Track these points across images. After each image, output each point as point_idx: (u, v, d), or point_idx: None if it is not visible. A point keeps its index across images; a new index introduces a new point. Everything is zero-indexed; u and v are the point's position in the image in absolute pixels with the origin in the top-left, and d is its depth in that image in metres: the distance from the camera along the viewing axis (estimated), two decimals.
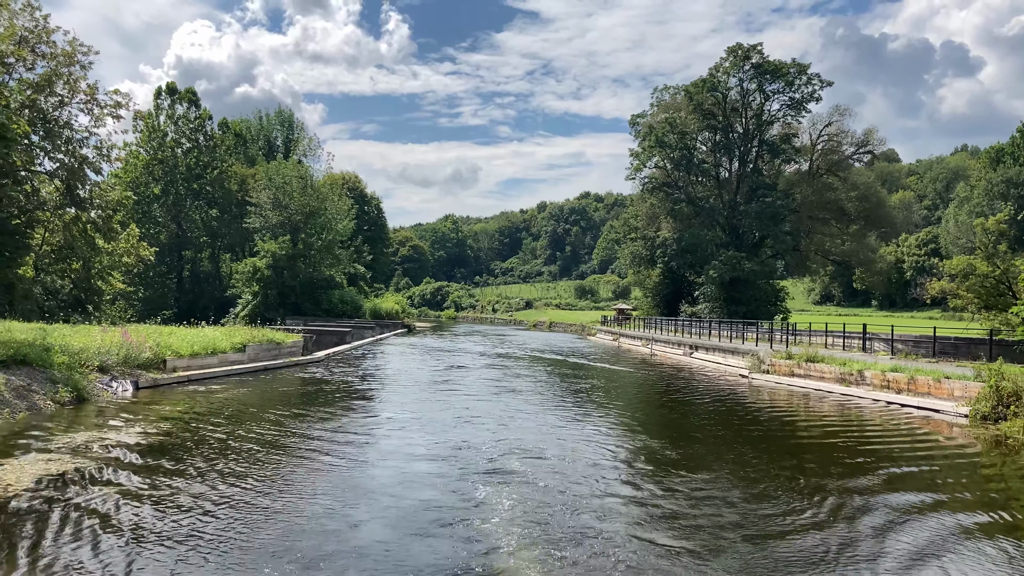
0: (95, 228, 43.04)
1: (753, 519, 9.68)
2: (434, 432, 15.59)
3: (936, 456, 14.65)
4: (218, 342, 24.80)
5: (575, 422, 17.70)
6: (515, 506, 9.94)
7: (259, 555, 7.81)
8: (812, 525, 9.49)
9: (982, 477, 13.18)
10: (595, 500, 10.40)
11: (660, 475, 12.16)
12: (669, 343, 43.51)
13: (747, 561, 8.09)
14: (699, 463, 13.24)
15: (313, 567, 7.48)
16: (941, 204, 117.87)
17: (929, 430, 17.77)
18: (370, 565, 7.64)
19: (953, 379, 20.90)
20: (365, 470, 12.13)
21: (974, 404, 18.98)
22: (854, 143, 65.52)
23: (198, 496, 9.95)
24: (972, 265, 39.76)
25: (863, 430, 17.70)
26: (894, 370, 23.12)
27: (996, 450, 15.30)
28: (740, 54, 63.36)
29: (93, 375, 18.69)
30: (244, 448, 13.28)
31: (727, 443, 15.76)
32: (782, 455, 14.59)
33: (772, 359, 28.53)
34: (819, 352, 27.95)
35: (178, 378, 21.75)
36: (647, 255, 68.35)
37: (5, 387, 15.40)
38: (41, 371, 17.23)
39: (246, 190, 70.89)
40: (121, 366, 20.13)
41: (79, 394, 17.25)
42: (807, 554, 8.37)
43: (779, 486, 11.49)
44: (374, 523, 9.15)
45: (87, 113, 41.10)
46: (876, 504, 10.59)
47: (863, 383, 23.82)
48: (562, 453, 13.70)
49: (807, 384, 25.69)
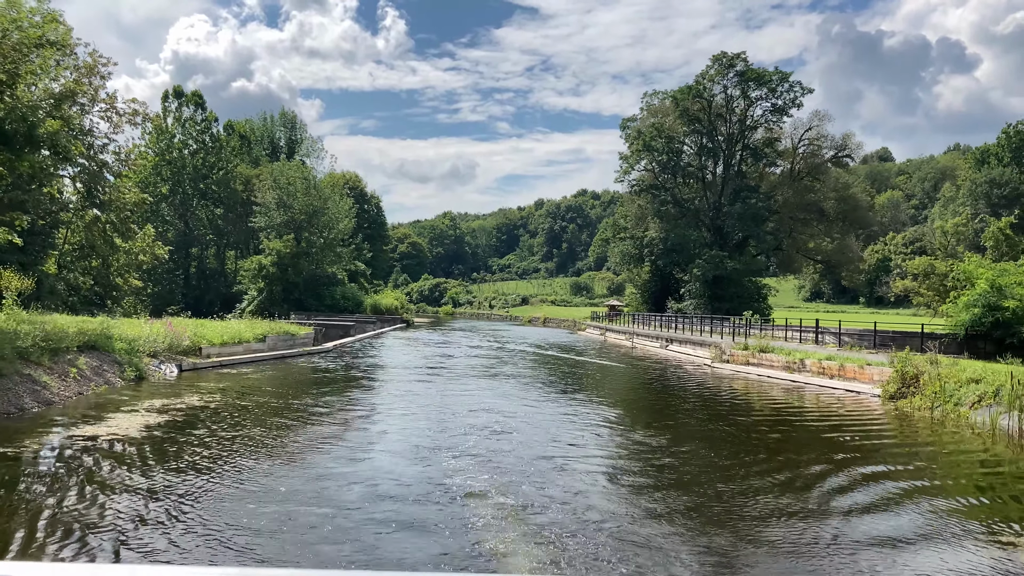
0: (114, 228, 47.01)
1: (694, 464, 13.74)
2: (424, 403, 19.65)
3: (853, 425, 18.62)
4: (243, 333, 28.84)
5: (549, 398, 21.76)
6: (483, 443, 13.98)
7: (299, 466, 11.87)
8: (743, 465, 13.55)
9: (882, 438, 17.16)
10: (551, 447, 14.45)
11: (612, 433, 16.22)
12: (649, 337, 47.60)
13: (700, 493, 12.14)
14: (651, 425, 17.30)
15: (344, 465, 11.54)
16: (929, 203, 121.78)
17: (851, 407, 21.80)
18: (375, 476, 11.67)
19: (873, 366, 24.96)
20: (371, 429, 16.18)
21: (884, 386, 23.04)
22: (834, 147, 69.54)
23: (252, 433, 14.01)
24: (932, 265, 44.04)
25: (802, 405, 21.83)
26: (829, 359, 27.20)
27: (897, 421, 19.33)
28: (725, 62, 67.34)
29: (147, 359, 22.73)
30: (278, 410, 17.34)
31: (680, 410, 19.83)
32: (727, 421, 18.66)
33: (732, 350, 32.61)
34: (771, 344, 32.03)
35: (212, 363, 25.80)
36: (636, 254, 72.45)
37: (86, 367, 19.42)
38: (107, 355, 21.25)
39: (251, 190, 74.79)
40: (166, 352, 24.16)
41: (139, 373, 21.31)
42: (740, 483, 12.43)
43: (723, 441, 15.54)
44: (379, 455, 13.19)
45: (107, 120, 45.12)
46: (803, 453, 14.66)
47: (804, 370, 27.89)
48: (527, 417, 17.76)
49: (759, 371, 29.76)
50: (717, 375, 30.18)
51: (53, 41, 25.44)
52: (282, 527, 8.74)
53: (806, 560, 8.20)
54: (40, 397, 16.22)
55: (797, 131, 69.29)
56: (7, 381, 15.74)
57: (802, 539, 8.89)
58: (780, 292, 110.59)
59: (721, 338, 37.62)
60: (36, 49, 24.20)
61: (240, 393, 20.21)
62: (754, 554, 8.40)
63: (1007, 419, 17.50)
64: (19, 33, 23.19)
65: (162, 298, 72.03)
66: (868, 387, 24.21)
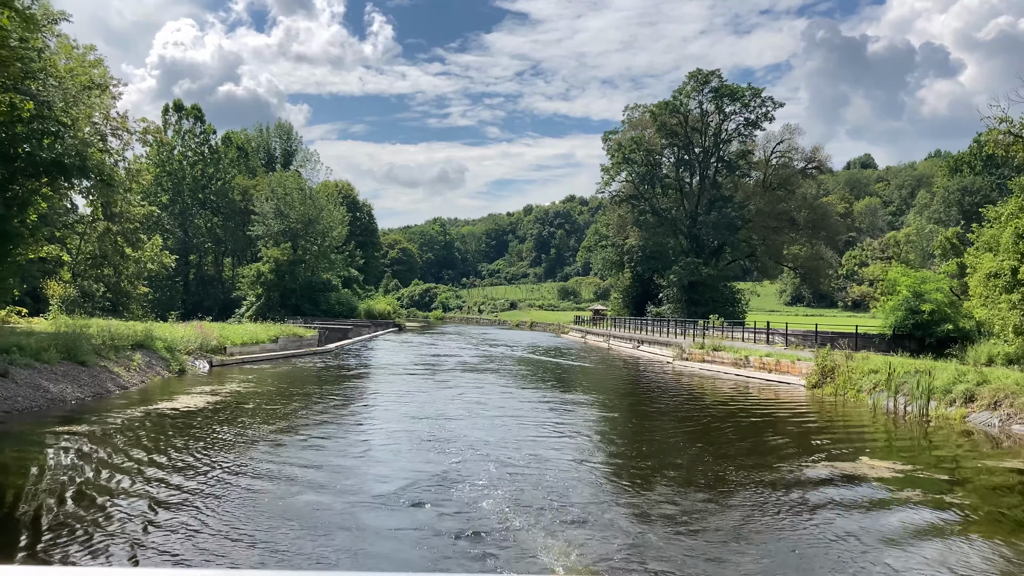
0: (124, 239, 51.52)
1: (631, 427, 18.48)
2: (415, 392, 24.35)
3: (793, 410, 23.33)
4: (259, 335, 33.47)
5: (522, 388, 26.51)
6: (465, 413, 18.68)
7: (335, 422, 16.55)
8: (680, 433, 18.29)
9: (802, 417, 21.94)
10: (518, 418, 19.19)
11: (573, 413, 20.95)
12: (623, 339, 52.47)
13: (635, 448, 16.86)
14: (605, 404, 22.03)
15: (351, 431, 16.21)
16: (907, 210, 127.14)
17: (782, 395, 26.56)
18: (376, 437, 16.33)
19: (803, 361, 29.79)
20: (374, 408, 20.87)
21: (808, 377, 27.88)
22: (804, 158, 74.73)
23: (281, 408, 18.67)
24: (886, 271, 49.06)
25: (740, 392, 26.67)
26: (768, 355, 32.05)
27: (819, 405, 24.09)
28: (700, 78, 72.43)
29: (185, 356, 27.33)
30: (297, 394, 22.00)
31: (633, 394, 24.58)
32: (673, 403, 23.44)
33: (690, 349, 37.44)
34: (723, 343, 36.89)
35: (235, 360, 30.41)
36: (617, 260, 77.41)
37: (141, 361, 24.01)
38: (153, 353, 25.83)
39: (248, 199, 79.32)
40: (198, 350, 28.76)
41: (181, 367, 25.92)
42: (686, 451, 17.17)
43: (665, 415, 20.28)
44: (375, 432, 17.86)
45: (118, 138, 49.66)
46: (741, 427, 19.42)
47: (748, 365, 32.71)
48: (501, 401, 22.49)
49: (711, 367, 34.59)
50: (675, 371, 34.96)
51: (98, 83, 30.01)
52: (325, 447, 13.45)
53: (764, 474, 12.93)
54: (118, 383, 20.85)
55: (769, 143, 74.42)
56: (94, 370, 20.37)
57: (714, 469, 13.64)
58: (762, 296, 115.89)
59: (683, 338, 42.47)
60: (86, 91, 28.78)
61: (268, 382, 24.84)
62: (663, 479, 13.13)
63: (887, 400, 22.40)
64: (71, 80, 27.77)
65: (162, 304, 76.24)
66: (797, 379, 29.03)
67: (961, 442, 16.65)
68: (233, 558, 8.08)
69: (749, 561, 8.37)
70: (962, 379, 21.32)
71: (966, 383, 21.00)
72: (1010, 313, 27.75)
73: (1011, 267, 28.07)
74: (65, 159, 26.57)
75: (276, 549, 8.36)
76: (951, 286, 35.95)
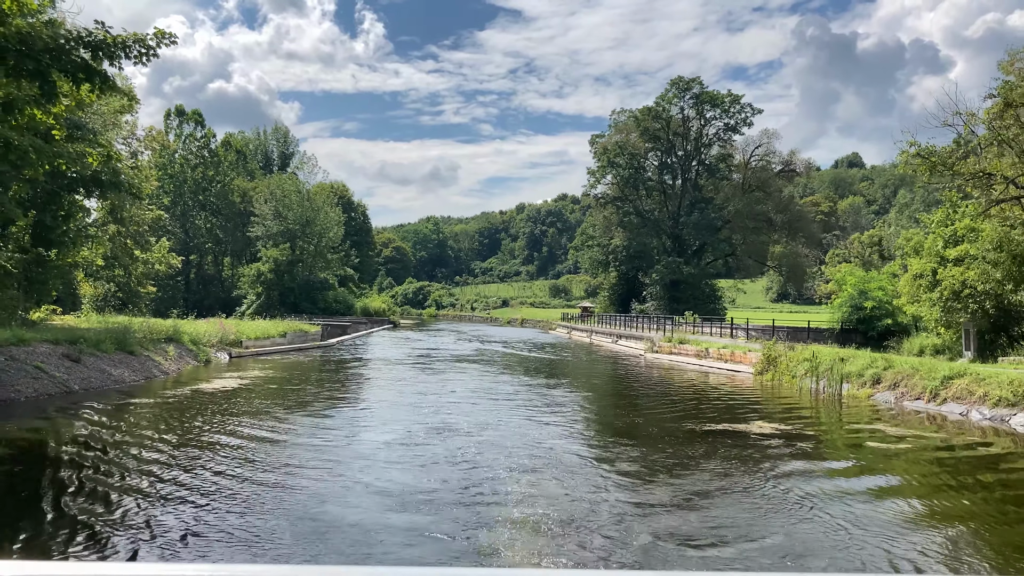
0: (134, 242, 55.67)
1: (600, 406, 22.83)
2: (413, 379, 28.72)
3: (734, 391, 27.75)
4: (270, 330, 37.73)
5: (499, 375, 30.88)
6: (456, 398, 22.99)
7: (325, 418, 20.87)
8: (643, 408, 22.67)
9: (736, 397, 26.37)
10: (492, 405, 23.54)
11: (551, 395, 25.33)
12: (604, 334, 56.96)
13: (602, 420, 21.23)
14: (576, 387, 26.41)
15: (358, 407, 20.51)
16: (889, 208, 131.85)
17: (731, 380, 30.95)
18: (374, 415, 20.63)
19: (753, 352, 34.21)
20: (373, 392, 25.20)
21: (755, 366, 32.31)
22: (781, 162, 79.28)
23: (304, 388, 22.97)
24: (849, 270, 53.21)
25: (700, 379, 31.07)
26: (724, 348, 36.48)
27: (760, 388, 28.46)
28: (682, 85, 76.94)
29: (208, 348, 31.60)
30: (310, 379, 26.32)
31: (603, 377, 28.95)
32: (640, 387, 27.83)
33: (660, 342, 41.87)
34: (688, 337, 41.34)
35: (251, 352, 34.69)
36: (603, 260, 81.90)
37: (174, 353, 28.28)
38: (182, 345, 30.08)
39: (247, 201, 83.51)
40: (218, 344, 33.02)
41: (207, 359, 30.20)
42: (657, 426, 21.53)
43: (628, 395, 24.65)
44: (382, 405, 22.17)
45: (127, 146, 53.85)
46: (685, 402, 23.80)
47: (708, 356, 37.14)
48: (487, 387, 26.84)
49: (677, 358, 39.01)
50: (646, 362, 39.38)
51: (128, 107, 34.23)
52: (340, 415, 17.79)
53: (677, 430, 17.26)
54: (160, 369, 25.15)
55: (748, 148, 79.00)
56: (141, 359, 24.68)
57: (646, 428, 17.99)
58: (749, 294, 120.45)
59: (655, 333, 46.92)
60: (117, 115, 33.03)
61: (281, 370, 29.15)
62: (627, 443, 17.47)
63: (811, 384, 26.85)
64: (106, 107, 32.06)
65: (165, 302, 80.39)
66: (747, 367, 33.45)
67: (850, 413, 21.05)
68: (309, 466, 12.35)
69: (639, 461, 12.73)
70: (872, 365, 25.76)
71: (875, 368, 25.45)
72: (931, 310, 32.30)
73: (932, 269, 32.66)
74: (103, 176, 30.77)
75: (334, 459, 12.66)
76: (894, 285, 40.48)
